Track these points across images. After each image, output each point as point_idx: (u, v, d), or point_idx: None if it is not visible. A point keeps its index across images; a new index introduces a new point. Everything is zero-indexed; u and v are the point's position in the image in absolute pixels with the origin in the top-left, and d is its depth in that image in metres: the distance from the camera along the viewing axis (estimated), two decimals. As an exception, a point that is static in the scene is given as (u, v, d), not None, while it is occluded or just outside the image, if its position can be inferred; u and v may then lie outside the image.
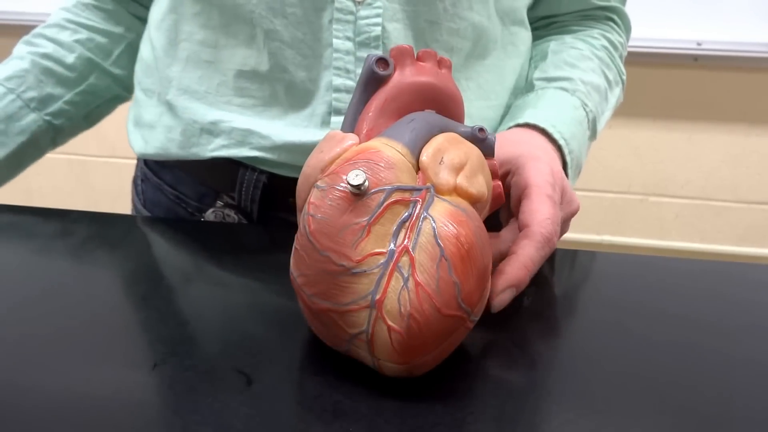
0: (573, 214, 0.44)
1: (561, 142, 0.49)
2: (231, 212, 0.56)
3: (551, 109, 0.51)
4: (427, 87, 0.36)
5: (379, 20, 0.47)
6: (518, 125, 0.50)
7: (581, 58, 0.57)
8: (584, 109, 0.53)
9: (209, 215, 0.56)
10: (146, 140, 0.56)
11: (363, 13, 0.47)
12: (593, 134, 0.56)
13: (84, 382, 0.30)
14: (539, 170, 0.41)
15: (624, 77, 0.61)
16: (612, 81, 0.59)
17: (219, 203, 0.56)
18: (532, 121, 0.49)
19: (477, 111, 0.52)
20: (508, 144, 0.45)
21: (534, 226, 0.38)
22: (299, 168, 0.35)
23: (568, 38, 0.60)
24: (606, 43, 0.60)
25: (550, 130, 0.49)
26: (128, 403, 0.29)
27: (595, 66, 0.57)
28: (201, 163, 0.53)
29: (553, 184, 0.41)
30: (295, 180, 0.35)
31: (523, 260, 0.37)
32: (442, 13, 0.49)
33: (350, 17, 0.47)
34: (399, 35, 0.48)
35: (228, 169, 0.53)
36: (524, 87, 0.57)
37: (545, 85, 0.55)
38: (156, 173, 0.60)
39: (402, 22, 0.48)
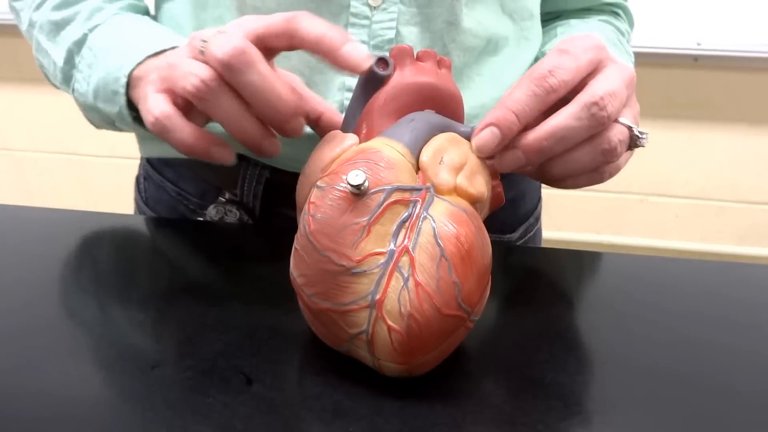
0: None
1: None
2: (233, 208, 0.55)
3: None
4: (426, 87, 0.36)
5: (393, 24, 0.48)
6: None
7: (591, 32, 0.56)
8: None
9: (210, 211, 0.56)
10: (150, 140, 0.56)
11: (377, 17, 0.48)
12: None
13: (84, 383, 0.30)
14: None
15: (633, 59, 0.60)
16: (625, 53, 0.58)
17: (221, 199, 0.56)
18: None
19: (492, 102, 0.52)
20: None
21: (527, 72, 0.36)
22: (303, 162, 0.35)
23: (573, 21, 0.60)
24: (613, 28, 0.60)
25: None
26: (128, 403, 0.29)
27: (607, 37, 0.57)
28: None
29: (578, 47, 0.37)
30: (298, 174, 0.35)
31: (506, 101, 0.35)
32: (460, 13, 0.49)
33: (365, 21, 0.48)
34: (415, 38, 0.49)
35: None
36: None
37: None
38: (158, 171, 0.60)
39: (419, 25, 0.49)
